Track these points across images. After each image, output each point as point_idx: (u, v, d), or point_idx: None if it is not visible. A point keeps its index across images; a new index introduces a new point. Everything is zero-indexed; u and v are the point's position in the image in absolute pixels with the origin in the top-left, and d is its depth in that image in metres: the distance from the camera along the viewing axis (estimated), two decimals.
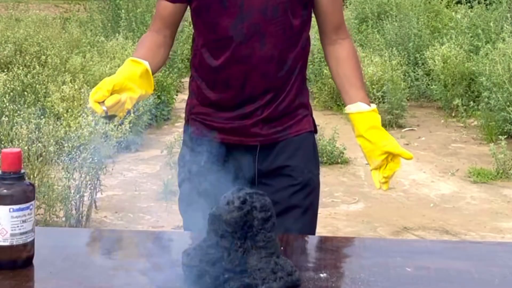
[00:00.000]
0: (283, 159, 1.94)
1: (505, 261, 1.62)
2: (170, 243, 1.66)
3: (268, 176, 1.93)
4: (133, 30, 8.36)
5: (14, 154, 1.49)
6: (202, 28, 1.92)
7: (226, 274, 1.39)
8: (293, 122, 1.95)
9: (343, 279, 1.50)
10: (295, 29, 1.89)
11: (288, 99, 1.93)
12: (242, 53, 1.86)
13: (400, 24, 8.59)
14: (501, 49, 6.64)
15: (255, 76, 1.88)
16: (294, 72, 1.92)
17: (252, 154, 1.93)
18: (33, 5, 11.38)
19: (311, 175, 1.97)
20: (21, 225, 1.48)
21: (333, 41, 1.97)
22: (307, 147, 1.98)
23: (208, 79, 1.93)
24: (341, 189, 5.19)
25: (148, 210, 4.50)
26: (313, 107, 2.09)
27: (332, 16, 1.95)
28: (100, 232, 1.93)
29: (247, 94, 1.89)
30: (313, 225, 1.99)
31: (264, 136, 1.92)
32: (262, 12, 1.84)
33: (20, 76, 5.75)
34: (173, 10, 1.93)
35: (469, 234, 4.37)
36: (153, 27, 1.97)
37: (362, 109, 1.90)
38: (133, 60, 1.77)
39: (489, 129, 6.53)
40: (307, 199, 1.95)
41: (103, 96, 1.64)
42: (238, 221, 1.39)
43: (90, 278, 1.47)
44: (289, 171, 1.93)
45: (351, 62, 1.95)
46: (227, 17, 1.85)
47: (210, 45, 1.91)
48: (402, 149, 1.83)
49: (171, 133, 6.37)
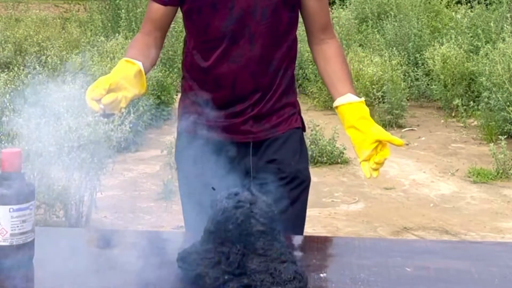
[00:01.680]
0: (271, 154, 2.00)
1: (505, 261, 1.62)
2: (170, 243, 1.66)
3: (258, 171, 1.99)
4: (133, 30, 8.35)
5: (14, 154, 1.49)
6: (193, 30, 1.98)
7: (225, 275, 1.39)
8: (281, 120, 2.02)
9: (343, 279, 1.50)
10: (283, 30, 1.96)
11: (275, 97, 2.00)
12: (232, 53, 1.93)
13: (400, 24, 8.58)
14: (501, 49, 6.64)
15: (245, 75, 1.94)
16: (280, 71, 1.99)
17: (244, 151, 1.99)
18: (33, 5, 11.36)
19: (299, 168, 2.02)
20: (21, 225, 1.48)
21: (320, 40, 2.03)
22: (293, 141, 2.04)
23: (199, 79, 2.00)
24: (341, 189, 5.19)
25: (148, 210, 4.50)
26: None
27: (319, 17, 2.01)
28: (100, 232, 1.93)
29: (237, 93, 1.96)
30: (301, 217, 2.06)
31: (254, 133, 1.99)
32: (251, 13, 1.91)
33: (21, 76, 5.75)
34: (164, 12, 1.98)
35: (469, 234, 4.37)
36: (144, 29, 2.02)
37: (352, 100, 1.93)
38: (127, 61, 1.82)
39: (489, 129, 6.53)
40: (295, 191, 2.00)
41: (100, 95, 1.68)
42: (235, 231, 1.39)
43: (90, 278, 1.47)
44: (277, 164, 1.99)
45: (339, 60, 2.01)
46: (217, 18, 1.92)
47: (201, 46, 1.97)
48: (393, 136, 1.86)
49: (171, 133, 6.36)
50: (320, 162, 5.71)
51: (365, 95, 7.14)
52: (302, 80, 8.16)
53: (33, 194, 1.51)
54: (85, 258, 1.56)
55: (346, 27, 8.68)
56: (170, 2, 1.97)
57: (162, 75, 7.05)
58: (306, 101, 7.73)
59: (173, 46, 7.90)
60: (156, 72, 6.93)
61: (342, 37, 8.47)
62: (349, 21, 8.79)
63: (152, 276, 1.48)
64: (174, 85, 7.20)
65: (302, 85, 8.15)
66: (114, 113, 1.72)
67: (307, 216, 2.15)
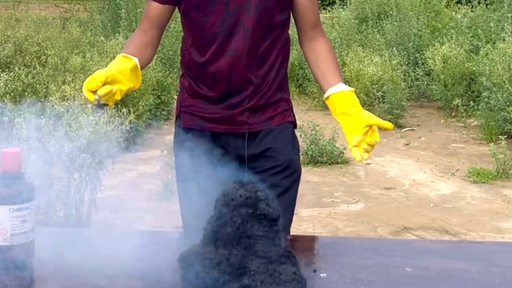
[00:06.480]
0: (266, 143, 2.09)
1: (505, 261, 1.62)
2: (170, 243, 1.67)
3: (254, 160, 2.08)
4: (133, 30, 8.34)
5: (14, 154, 1.49)
6: (191, 27, 2.06)
7: (226, 276, 1.39)
8: (275, 114, 2.11)
9: (343, 279, 1.50)
10: (276, 26, 2.05)
11: (270, 92, 2.09)
12: (228, 47, 2.01)
13: (400, 24, 8.58)
14: (501, 49, 6.64)
15: (240, 67, 2.03)
16: (274, 66, 2.08)
17: (241, 141, 2.08)
18: (33, 5, 11.36)
19: (291, 157, 2.11)
20: (21, 225, 1.48)
21: (311, 38, 2.10)
22: (287, 133, 2.13)
23: (197, 74, 2.09)
24: (341, 189, 5.19)
25: (148, 210, 4.50)
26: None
27: (309, 14, 2.09)
28: (100, 232, 1.93)
29: (233, 85, 2.05)
30: (292, 207, 2.13)
31: (250, 124, 2.08)
32: (245, 9, 2.00)
33: (21, 76, 5.75)
34: (162, 11, 2.06)
35: (469, 234, 4.37)
36: (141, 27, 2.10)
37: (344, 88, 1.97)
38: (124, 56, 1.90)
39: (489, 129, 6.53)
40: (287, 179, 2.09)
41: (96, 86, 1.77)
42: (234, 234, 1.40)
43: (90, 278, 1.47)
44: (271, 152, 2.09)
45: (330, 55, 2.08)
46: (214, 14, 2.00)
47: (198, 42, 2.06)
48: (383, 120, 1.90)
49: (171, 133, 6.33)
50: (320, 162, 5.72)
51: (365, 95, 7.14)
52: (302, 80, 8.16)
53: (33, 194, 1.51)
54: (85, 258, 1.56)
55: (346, 27, 8.68)
56: (167, 0, 2.05)
57: (162, 75, 7.05)
58: (306, 101, 7.72)
59: (173, 46, 7.90)
60: (156, 72, 6.93)
61: (342, 37, 8.47)
62: (349, 21, 8.79)
63: (153, 275, 1.48)
64: (174, 85, 7.20)
65: (302, 85, 8.15)
66: (108, 105, 1.81)
67: (307, 216, 2.16)
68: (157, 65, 7.13)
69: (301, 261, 1.53)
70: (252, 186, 1.46)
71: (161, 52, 7.74)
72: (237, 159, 2.06)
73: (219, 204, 1.44)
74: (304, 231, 4.16)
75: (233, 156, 2.06)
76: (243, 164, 2.07)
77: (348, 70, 7.46)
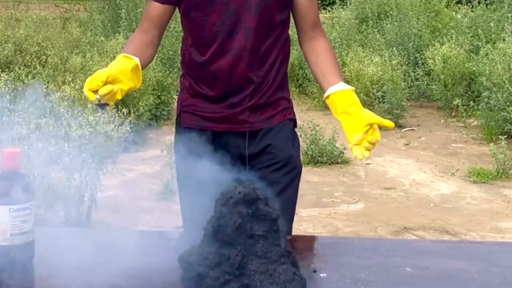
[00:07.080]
0: (266, 140, 2.10)
1: (505, 261, 1.62)
2: (170, 243, 1.67)
3: (254, 157, 2.09)
4: (133, 30, 8.34)
5: (14, 154, 1.49)
6: (191, 27, 2.06)
7: (226, 276, 1.39)
8: (276, 112, 2.12)
9: (343, 279, 1.50)
10: (276, 25, 2.05)
11: (271, 91, 2.09)
12: (228, 47, 2.02)
13: (400, 24, 8.58)
14: (501, 49, 6.63)
15: (241, 67, 2.03)
16: (275, 66, 2.09)
17: (241, 140, 2.09)
18: (33, 5, 11.35)
19: (291, 153, 2.11)
20: (21, 225, 1.48)
21: (311, 37, 2.11)
22: (287, 130, 2.14)
23: (198, 74, 2.09)
24: (341, 189, 5.19)
25: (148, 210, 4.50)
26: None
27: (309, 14, 2.10)
28: (100, 232, 1.93)
29: (233, 84, 2.05)
30: (292, 204, 2.13)
31: (250, 123, 2.09)
32: (246, 8, 2.00)
33: (21, 76, 5.74)
34: (162, 11, 2.06)
35: (469, 234, 4.37)
36: (141, 27, 2.10)
37: (344, 87, 1.97)
38: (125, 56, 1.90)
39: (489, 129, 6.53)
40: (287, 176, 2.09)
41: (97, 86, 1.78)
42: (234, 234, 1.40)
43: (90, 278, 1.47)
44: (271, 148, 2.10)
45: (330, 55, 2.08)
46: (214, 14, 2.00)
47: (198, 42, 2.06)
48: (383, 119, 1.90)
49: (171, 133, 6.33)
50: (320, 162, 5.71)
51: (365, 95, 7.14)
52: (302, 80, 8.15)
53: (33, 194, 1.51)
54: (85, 258, 1.56)
55: (346, 27, 8.67)
56: (168, 0, 2.05)
57: (162, 75, 7.05)
58: (306, 101, 7.72)
59: (173, 46, 7.89)
60: (156, 72, 6.93)
61: (342, 37, 8.47)
62: (349, 21, 8.79)
63: (153, 275, 1.48)
64: (174, 85, 7.20)
65: (302, 85, 8.15)
66: (109, 104, 1.81)
67: (307, 216, 2.17)
68: (157, 65, 7.13)
69: (301, 261, 1.53)
70: (250, 183, 1.46)
71: (161, 52, 7.73)
72: (237, 158, 2.07)
73: (218, 204, 1.44)
74: (304, 231, 4.16)
75: (234, 155, 2.06)
76: (244, 163, 2.08)
77: (348, 70, 7.46)
